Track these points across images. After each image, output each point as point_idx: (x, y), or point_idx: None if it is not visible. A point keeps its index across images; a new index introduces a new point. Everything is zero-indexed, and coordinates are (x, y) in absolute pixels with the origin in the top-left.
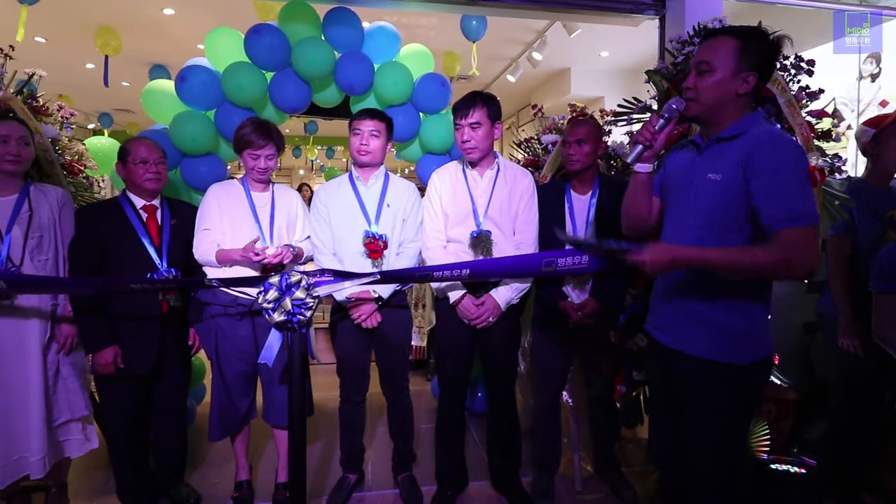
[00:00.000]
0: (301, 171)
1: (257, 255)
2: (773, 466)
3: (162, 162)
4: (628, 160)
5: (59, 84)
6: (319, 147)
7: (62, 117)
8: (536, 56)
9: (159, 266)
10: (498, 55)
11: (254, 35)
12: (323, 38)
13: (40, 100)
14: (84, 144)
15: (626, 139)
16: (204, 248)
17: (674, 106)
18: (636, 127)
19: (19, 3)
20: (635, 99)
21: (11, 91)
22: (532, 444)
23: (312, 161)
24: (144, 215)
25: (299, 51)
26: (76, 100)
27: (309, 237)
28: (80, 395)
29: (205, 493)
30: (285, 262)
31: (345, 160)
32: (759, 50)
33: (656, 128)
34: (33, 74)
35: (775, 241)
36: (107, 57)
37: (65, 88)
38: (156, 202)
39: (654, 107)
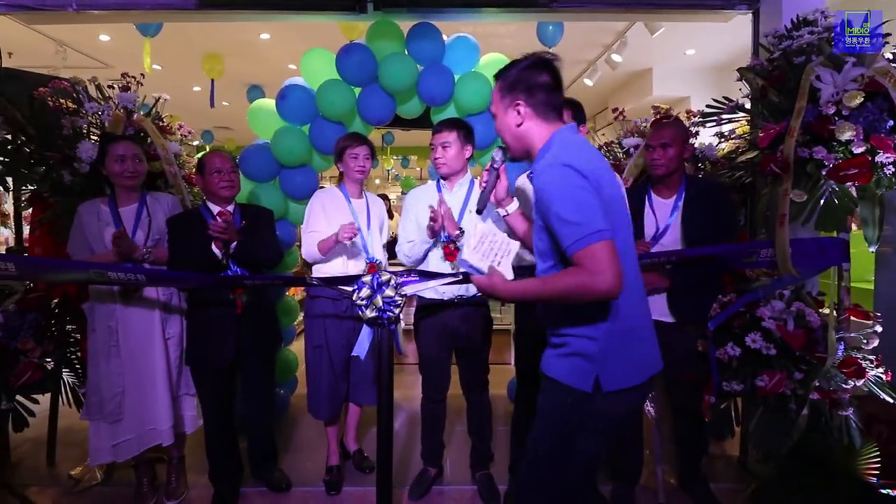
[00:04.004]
0: (377, 181)
1: (346, 234)
2: (883, 491)
3: (234, 171)
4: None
5: (170, 105)
6: (395, 157)
7: (181, 135)
8: (616, 58)
9: (231, 268)
10: (574, 59)
11: (344, 54)
12: (407, 52)
13: (165, 120)
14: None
15: (714, 141)
16: (309, 247)
17: (497, 157)
18: (726, 127)
19: (143, 36)
20: (726, 98)
21: (141, 113)
22: (611, 454)
23: (388, 171)
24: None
25: (384, 66)
26: (184, 119)
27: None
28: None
29: (299, 477)
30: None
31: (419, 169)
32: (517, 78)
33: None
34: (159, 98)
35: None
36: (213, 80)
37: (174, 109)
38: (230, 208)
39: (748, 106)
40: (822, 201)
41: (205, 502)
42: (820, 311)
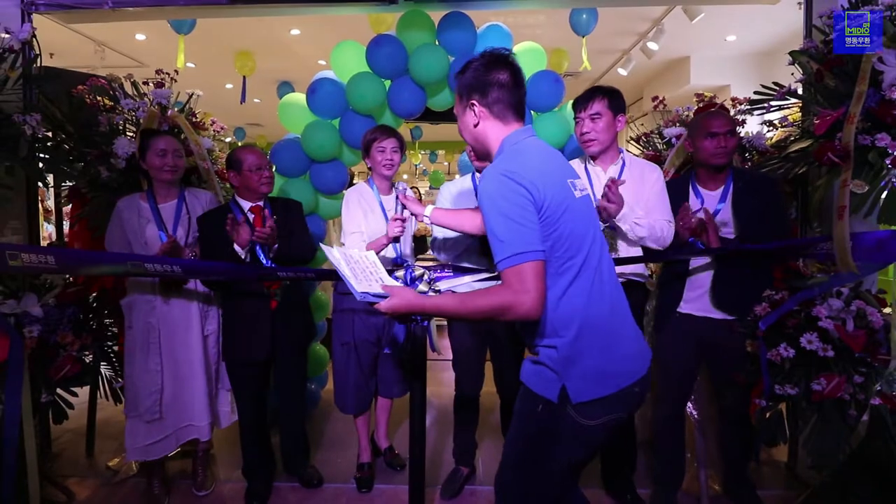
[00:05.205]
0: (405, 176)
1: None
2: None
3: (270, 167)
4: None
5: (203, 103)
6: (423, 151)
7: (214, 131)
8: (652, 46)
9: (264, 262)
10: (607, 48)
11: (374, 46)
12: (438, 43)
13: (198, 116)
14: None
15: (763, 129)
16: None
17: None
18: (775, 115)
19: (177, 34)
20: (776, 84)
21: (175, 110)
22: (652, 457)
23: (416, 165)
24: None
25: (415, 58)
26: (216, 116)
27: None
28: None
29: (331, 473)
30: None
31: (447, 164)
32: (472, 77)
33: None
34: (192, 94)
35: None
36: (244, 77)
37: (207, 106)
38: (261, 203)
39: (800, 91)
40: (885, 193)
41: (238, 497)
42: (882, 310)
